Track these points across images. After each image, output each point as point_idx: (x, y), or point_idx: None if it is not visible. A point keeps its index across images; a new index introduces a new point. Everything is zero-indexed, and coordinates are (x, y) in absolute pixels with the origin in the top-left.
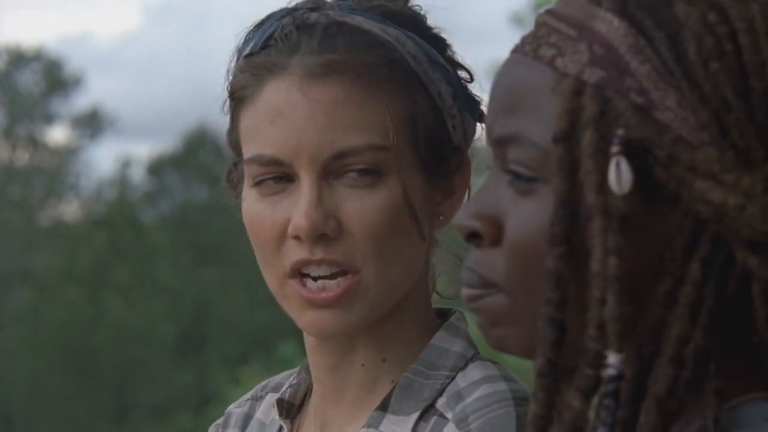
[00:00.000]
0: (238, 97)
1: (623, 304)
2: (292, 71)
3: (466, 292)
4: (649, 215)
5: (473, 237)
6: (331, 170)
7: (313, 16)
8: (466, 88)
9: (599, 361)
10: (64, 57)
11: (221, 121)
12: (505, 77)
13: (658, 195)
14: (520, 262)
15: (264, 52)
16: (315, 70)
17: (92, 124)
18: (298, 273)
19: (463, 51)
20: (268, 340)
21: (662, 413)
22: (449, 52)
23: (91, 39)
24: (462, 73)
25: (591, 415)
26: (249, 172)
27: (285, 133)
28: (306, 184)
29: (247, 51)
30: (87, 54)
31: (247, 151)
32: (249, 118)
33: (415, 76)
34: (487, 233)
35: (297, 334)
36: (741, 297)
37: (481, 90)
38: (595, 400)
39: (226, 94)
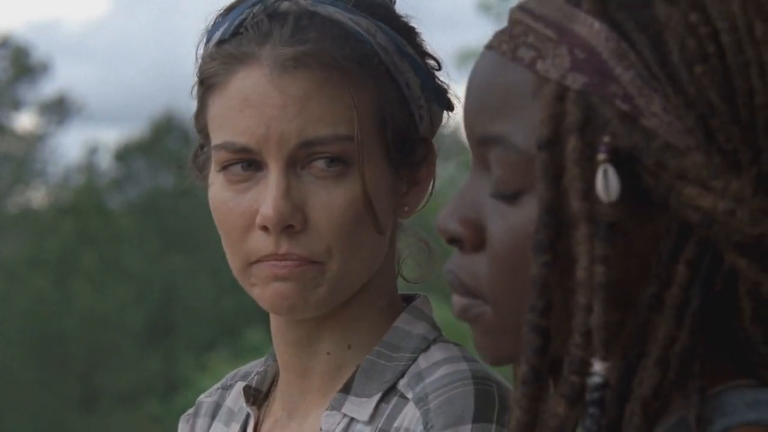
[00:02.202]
0: (207, 84)
1: (610, 311)
2: (262, 61)
3: (455, 302)
4: (635, 221)
5: (455, 241)
6: (298, 159)
7: (285, 4)
8: (433, 78)
9: (584, 368)
10: (32, 44)
11: (189, 108)
12: (483, 76)
13: (644, 201)
14: (503, 270)
15: (234, 40)
16: (286, 61)
17: (60, 110)
18: (266, 261)
19: (431, 38)
20: (235, 327)
21: (647, 414)
22: (418, 41)
23: (59, 26)
24: (430, 62)
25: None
26: (217, 157)
27: (254, 122)
28: (274, 174)
29: (217, 37)
30: (55, 41)
31: (216, 138)
32: (218, 105)
33: (384, 67)
34: (470, 239)
35: (264, 321)
36: (727, 296)
37: (449, 78)
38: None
39: (194, 78)
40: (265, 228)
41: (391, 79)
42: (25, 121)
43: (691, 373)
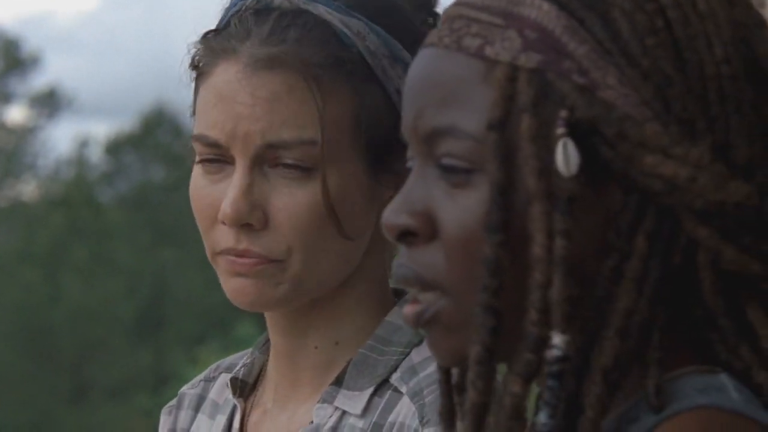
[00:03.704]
0: (199, 72)
1: (570, 285)
2: (239, 58)
3: (408, 311)
4: (592, 195)
5: (404, 236)
6: (264, 159)
7: (277, 1)
8: None
9: (541, 346)
10: (22, 37)
11: (179, 101)
12: (425, 72)
13: (601, 174)
14: (460, 255)
15: (224, 33)
16: (258, 61)
17: (50, 103)
18: (227, 254)
19: None
20: (225, 321)
21: (608, 384)
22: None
23: (50, 19)
24: None
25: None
26: (196, 148)
27: (223, 118)
28: (239, 171)
29: (216, 26)
30: (45, 34)
31: (195, 128)
32: (202, 94)
33: (369, 71)
34: (421, 229)
35: (254, 314)
36: (686, 269)
37: None
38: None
39: (187, 72)
40: (224, 223)
41: (377, 83)
42: (15, 114)
43: (650, 345)
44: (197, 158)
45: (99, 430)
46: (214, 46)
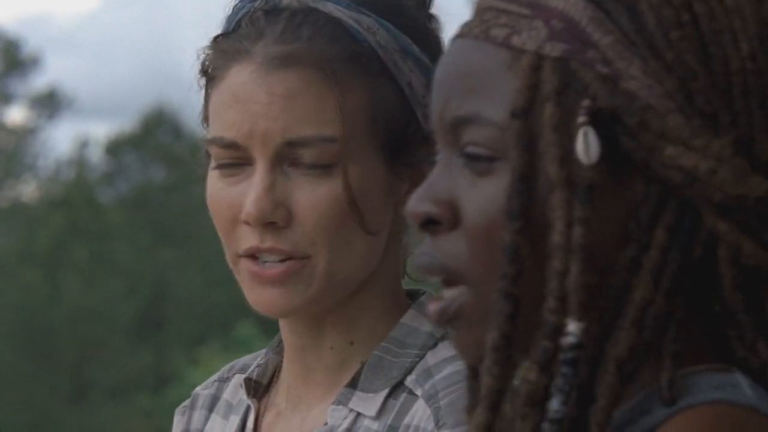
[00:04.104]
0: (210, 76)
1: (587, 273)
2: (253, 58)
3: (432, 308)
4: (613, 185)
5: (428, 225)
6: (284, 157)
7: (286, 0)
8: None
9: (557, 333)
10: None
11: (179, 101)
12: (453, 62)
13: (623, 164)
14: (481, 243)
15: (234, 35)
16: (273, 60)
17: (50, 104)
18: (251, 255)
19: None
20: (226, 321)
21: (621, 374)
22: (431, 40)
23: (50, 20)
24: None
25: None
26: (212, 151)
27: (241, 118)
28: (260, 170)
29: (222, 29)
30: (45, 34)
31: (210, 132)
32: (215, 98)
33: (382, 67)
34: (445, 217)
35: (254, 314)
36: (706, 263)
37: None
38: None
39: (187, 73)
40: (248, 223)
41: (390, 78)
42: (15, 114)
43: (665, 338)
44: (214, 163)
45: (99, 431)
46: (225, 49)
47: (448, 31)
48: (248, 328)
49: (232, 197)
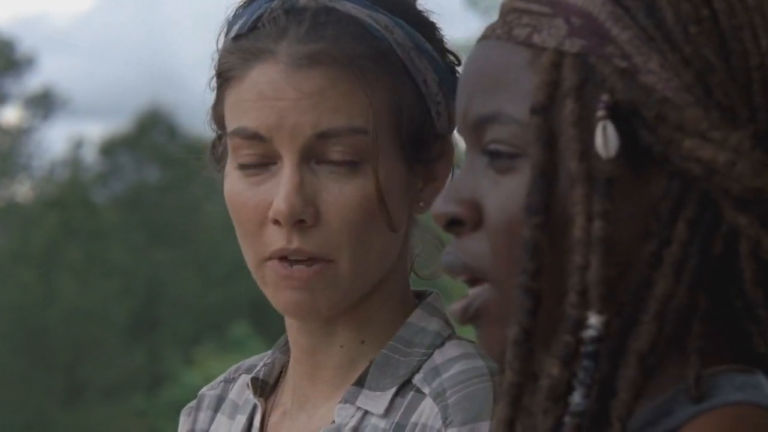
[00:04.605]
0: (225, 77)
1: (608, 266)
2: (278, 58)
3: (455, 307)
4: (634, 179)
5: (453, 225)
6: (313, 153)
7: (303, 0)
8: (452, 73)
9: (579, 328)
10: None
11: (174, 102)
12: (476, 63)
13: (643, 159)
14: (503, 241)
15: (252, 35)
16: (301, 59)
17: (45, 104)
18: (279, 257)
19: None
20: (220, 321)
21: (642, 368)
22: (437, 37)
23: (45, 20)
24: (449, 57)
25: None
26: (232, 145)
27: (267, 112)
28: (288, 167)
29: (235, 30)
30: (40, 35)
31: (230, 126)
32: (234, 96)
33: (402, 64)
34: (468, 216)
35: (249, 315)
36: (727, 258)
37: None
38: None
39: (181, 73)
40: (277, 222)
41: (408, 75)
42: (10, 114)
43: (689, 332)
44: (234, 163)
45: (93, 431)
46: (246, 49)
47: (447, 30)
48: (243, 329)
49: (258, 197)
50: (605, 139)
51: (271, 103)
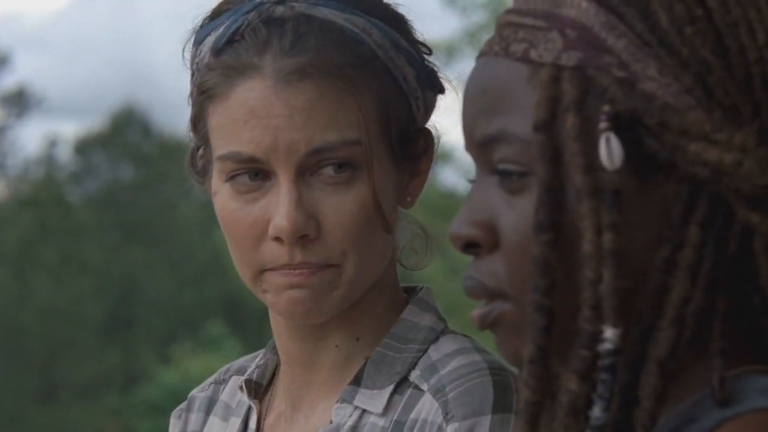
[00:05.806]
0: (208, 95)
1: (620, 278)
2: (265, 73)
3: (474, 315)
4: (641, 187)
5: (470, 247)
6: (307, 167)
7: (279, 9)
8: (425, 64)
9: (595, 342)
10: None
11: (148, 100)
12: (477, 82)
13: (649, 166)
14: (519, 259)
15: (232, 50)
16: (289, 74)
17: (19, 103)
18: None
19: None
20: (195, 320)
21: (663, 375)
22: (409, 30)
23: (19, 18)
24: (421, 47)
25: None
26: (223, 167)
27: (260, 132)
28: (285, 183)
29: (210, 42)
30: (15, 33)
31: (221, 148)
32: (221, 115)
33: (383, 66)
34: (484, 239)
35: (224, 314)
36: (743, 257)
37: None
38: None
39: (156, 72)
40: (278, 239)
41: (390, 76)
42: None
43: (710, 335)
44: (225, 176)
45: (68, 430)
46: (229, 64)
47: (424, 29)
48: (218, 328)
49: (255, 214)
50: (609, 151)
51: (264, 121)
